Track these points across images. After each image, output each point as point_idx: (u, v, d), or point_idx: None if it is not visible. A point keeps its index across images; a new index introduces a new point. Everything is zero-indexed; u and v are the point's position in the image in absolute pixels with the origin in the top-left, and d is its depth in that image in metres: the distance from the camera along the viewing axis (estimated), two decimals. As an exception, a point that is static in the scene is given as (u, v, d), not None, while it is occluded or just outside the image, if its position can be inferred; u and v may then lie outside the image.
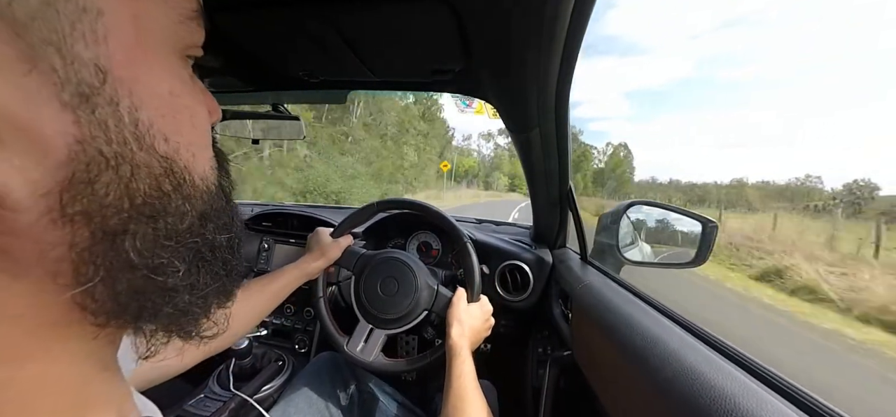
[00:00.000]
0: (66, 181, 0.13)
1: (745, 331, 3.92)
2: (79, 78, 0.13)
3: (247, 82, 0.73)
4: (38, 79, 0.12)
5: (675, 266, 0.77)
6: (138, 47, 0.15)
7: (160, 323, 0.18)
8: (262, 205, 1.32)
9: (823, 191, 48.95)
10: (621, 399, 0.47)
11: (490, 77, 0.54)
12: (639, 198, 4.46)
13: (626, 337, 0.46)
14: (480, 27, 0.42)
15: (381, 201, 0.79)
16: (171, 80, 0.17)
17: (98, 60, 0.14)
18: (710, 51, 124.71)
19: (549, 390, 0.85)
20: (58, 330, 0.15)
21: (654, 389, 0.37)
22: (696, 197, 52.28)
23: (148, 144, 0.15)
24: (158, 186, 0.16)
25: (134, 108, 0.15)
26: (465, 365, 0.57)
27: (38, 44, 0.12)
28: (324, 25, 0.46)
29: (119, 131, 0.14)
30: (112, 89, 0.14)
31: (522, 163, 0.78)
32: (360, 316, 0.71)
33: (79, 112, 0.13)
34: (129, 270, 0.15)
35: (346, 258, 0.74)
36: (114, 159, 0.14)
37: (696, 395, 0.32)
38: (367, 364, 0.68)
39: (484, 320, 0.69)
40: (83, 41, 0.13)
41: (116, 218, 0.15)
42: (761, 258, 7.34)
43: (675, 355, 0.38)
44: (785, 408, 0.28)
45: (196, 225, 0.18)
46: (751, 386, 0.31)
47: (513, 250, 0.92)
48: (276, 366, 0.93)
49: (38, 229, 0.13)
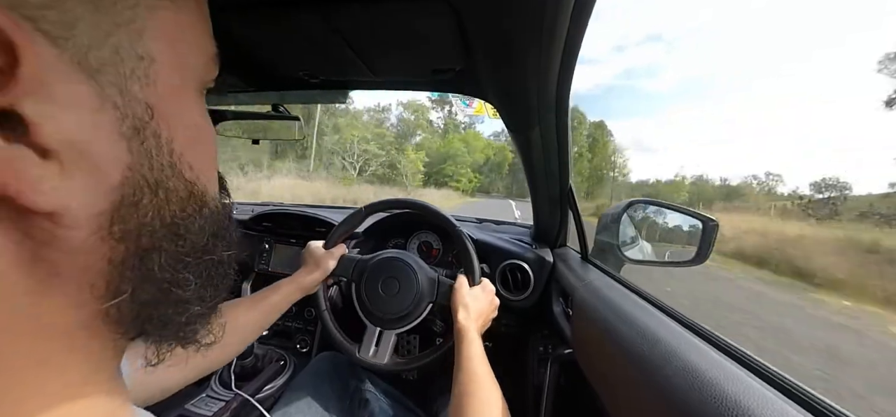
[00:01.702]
0: (117, 202, 0.15)
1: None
2: (134, 114, 0.16)
3: (247, 82, 0.73)
4: (104, 115, 0.15)
5: (676, 264, 0.77)
6: (177, 86, 0.18)
7: (171, 332, 0.20)
8: (262, 205, 1.33)
9: (781, 192, 44.42)
10: (622, 398, 0.47)
11: (490, 77, 0.54)
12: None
13: (627, 335, 0.46)
14: (480, 27, 0.42)
15: (369, 205, 0.79)
16: (196, 114, 0.20)
17: (148, 99, 0.16)
18: (633, 62, 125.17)
19: (549, 388, 0.85)
20: (80, 339, 0.16)
21: (654, 387, 0.37)
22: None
23: (178, 171, 0.18)
24: (184, 208, 0.18)
25: (170, 140, 0.17)
26: (474, 347, 0.57)
27: (107, 85, 0.15)
28: (324, 25, 0.46)
29: (159, 159, 0.17)
30: (156, 123, 0.17)
31: (523, 162, 0.78)
32: (366, 321, 0.71)
33: (131, 143, 0.16)
34: (152, 283, 0.17)
35: (343, 266, 0.73)
36: (154, 184, 0.16)
37: (696, 393, 0.32)
38: (382, 367, 0.68)
39: (488, 302, 0.69)
40: (139, 83, 0.16)
41: (149, 236, 0.17)
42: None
43: (676, 353, 0.38)
44: (787, 407, 0.28)
45: (210, 244, 0.20)
46: (752, 385, 0.31)
47: (513, 249, 0.92)
48: (278, 366, 0.93)
49: (87, 246, 0.15)
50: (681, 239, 0.78)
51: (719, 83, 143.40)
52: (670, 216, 0.83)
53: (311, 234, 1.08)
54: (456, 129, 46.06)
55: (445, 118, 46.49)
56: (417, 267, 0.72)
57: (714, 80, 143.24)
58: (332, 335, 0.72)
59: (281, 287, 0.66)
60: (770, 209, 24.83)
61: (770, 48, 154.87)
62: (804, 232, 11.06)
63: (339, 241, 0.77)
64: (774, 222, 14.76)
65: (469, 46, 0.47)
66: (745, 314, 4.50)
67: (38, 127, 0.13)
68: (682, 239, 0.77)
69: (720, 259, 8.74)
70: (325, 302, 0.74)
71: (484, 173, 45.70)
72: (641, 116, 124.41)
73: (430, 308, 0.71)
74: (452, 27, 0.43)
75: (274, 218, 1.13)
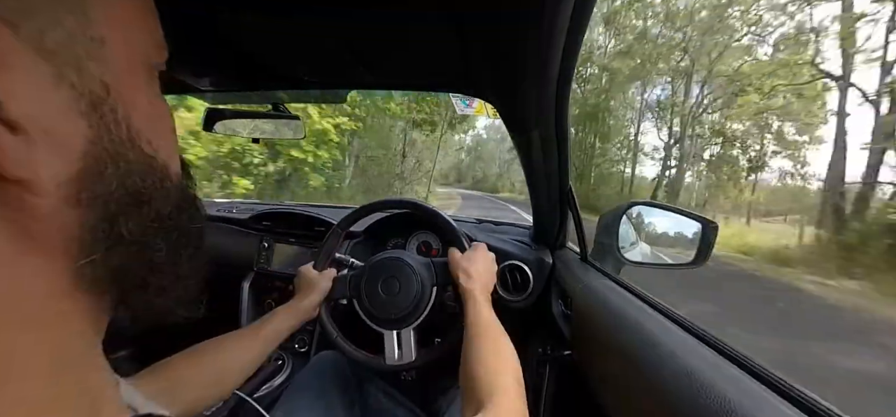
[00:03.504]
0: (81, 172, 0.17)
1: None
2: (90, 91, 0.17)
3: (247, 82, 0.73)
4: (62, 93, 0.16)
5: (676, 267, 0.77)
6: (129, 66, 0.19)
7: (150, 295, 0.21)
8: (262, 205, 1.33)
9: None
10: (621, 400, 0.47)
11: (490, 77, 0.54)
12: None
13: (626, 337, 0.46)
14: (480, 27, 0.42)
15: (341, 220, 0.79)
16: (149, 94, 0.21)
17: (104, 77, 0.18)
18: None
19: (548, 390, 0.85)
20: (59, 301, 0.18)
21: (653, 390, 0.37)
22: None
23: (137, 145, 0.19)
24: (144, 180, 0.20)
25: (127, 116, 0.19)
26: (480, 306, 0.58)
27: (63, 65, 0.16)
28: (324, 26, 0.46)
29: (118, 134, 0.18)
30: (113, 100, 0.18)
31: (522, 162, 0.78)
32: (380, 328, 0.70)
33: (91, 118, 0.17)
34: (123, 245, 0.19)
35: (339, 289, 0.73)
36: (114, 156, 0.18)
37: (695, 396, 0.32)
38: (414, 365, 0.68)
39: (484, 261, 0.70)
40: (93, 63, 0.17)
41: (115, 203, 0.18)
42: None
43: (675, 356, 0.38)
44: (786, 410, 0.28)
45: (174, 213, 0.22)
46: (751, 387, 0.31)
47: (513, 250, 0.92)
48: (276, 365, 0.93)
49: (57, 211, 0.16)
50: (681, 242, 0.78)
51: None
52: (670, 218, 0.83)
53: (310, 233, 1.09)
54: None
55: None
56: (410, 259, 0.72)
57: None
58: (352, 356, 0.71)
59: (278, 314, 0.64)
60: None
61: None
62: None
63: (328, 263, 0.77)
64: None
65: (469, 47, 0.47)
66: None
67: (3, 104, 0.14)
68: (683, 242, 0.77)
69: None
70: (334, 326, 0.73)
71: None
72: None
73: (436, 291, 0.71)
74: (452, 28, 0.43)
75: (273, 217, 1.13)
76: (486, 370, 0.46)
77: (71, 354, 0.19)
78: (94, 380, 0.21)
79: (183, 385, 0.46)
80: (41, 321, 0.17)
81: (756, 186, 16.89)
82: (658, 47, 16.29)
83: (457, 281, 0.65)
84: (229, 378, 0.54)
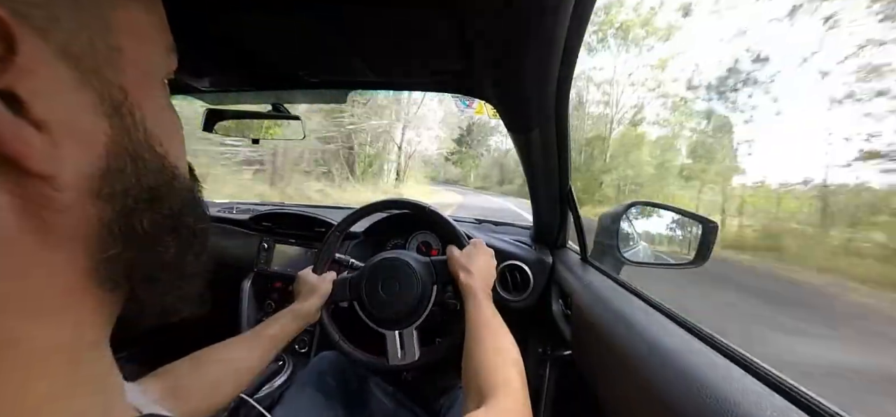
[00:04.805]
0: (104, 169, 0.18)
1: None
2: (111, 95, 0.18)
3: (247, 82, 0.73)
4: (85, 95, 0.18)
5: (675, 267, 0.77)
6: (144, 74, 0.21)
7: (159, 290, 0.22)
8: (262, 205, 1.33)
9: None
10: (621, 399, 0.47)
11: (490, 77, 0.54)
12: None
13: (626, 337, 0.46)
14: (480, 27, 0.42)
15: (340, 222, 0.80)
16: (162, 99, 0.23)
17: (121, 83, 0.19)
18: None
19: (548, 390, 0.85)
20: (76, 295, 0.19)
21: (654, 389, 0.37)
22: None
23: (150, 146, 0.21)
24: (158, 179, 0.21)
25: (143, 119, 0.20)
26: (480, 302, 0.59)
27: (86, 71, 0.17)
28: (324, 25, 0.46)
29: (136, 135, 0.20)
30: (130, 104, 0.19)
31: (522, 162, 0.78)
32: (382, 329, 0.70)
33: (112, 119, 0.18)
34: (136, 242, 0.20)
35: (339, 292, 0.73)
36: (133, 155, 0.19)
37: (695, 396, 0.32)
38: (417, 364, 0.68)
39: (483, 257, 0.70)
40: (112, 70, 0.19)
41: (132, 199, 0.19)
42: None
43: (676, 356, 0.38)
44: (787, 409, 0.28)
45: (184, 213, 0.23)
46: (751, 387, 0.31)
47: (513, 250, 0.92)
48: (276, 366, 0.93)
49: (79, 206, 0.17)
50: (681, 242, 0.78)
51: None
52: (670, 218, 0.83)
53: (310, 234, 1.09)
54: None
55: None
56: (409, 259, 0.72)
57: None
58: (355, 358, 0.71)
59: (278, 319, 0.63)
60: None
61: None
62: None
63: (327, 266, 0.77)
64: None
65: (469, 47, 0.47)
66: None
67: (31, 104, 0.15)
68: (682, 242, 0.77)
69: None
70: (337, 332, 0.73)
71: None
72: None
73: (436, 290, 0.71)
74: (452, 28, 0.43)
75: (273, 217, 1.13)
76: (488, 364, 0.47)
77: (86, 348, 0.20)
78: (107, 376, 0.21)
79: (186, 391, 0.46)
80: (59, 314, 0.18)
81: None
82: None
83: (457, 279, 0.65)
84: (232, 383, 0.53)
